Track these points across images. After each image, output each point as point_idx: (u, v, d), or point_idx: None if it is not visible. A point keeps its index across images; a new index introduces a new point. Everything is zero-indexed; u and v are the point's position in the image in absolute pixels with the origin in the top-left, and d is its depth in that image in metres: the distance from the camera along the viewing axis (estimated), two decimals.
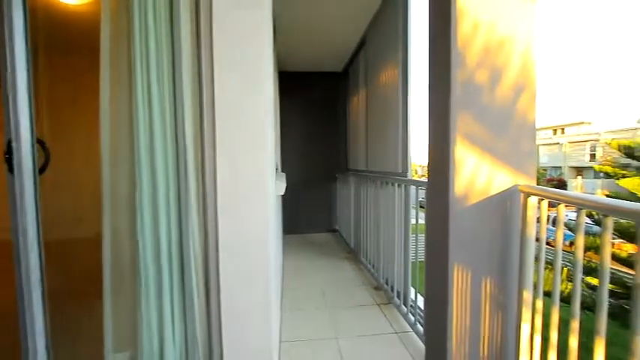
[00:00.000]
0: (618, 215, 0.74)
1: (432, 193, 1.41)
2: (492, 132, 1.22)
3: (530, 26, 1.25)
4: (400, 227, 2.45)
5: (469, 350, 1.37)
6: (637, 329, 0.63)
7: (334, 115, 5.09)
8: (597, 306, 0.80)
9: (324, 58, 4.44)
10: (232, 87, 1.17)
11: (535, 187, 1.14)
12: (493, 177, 1.24)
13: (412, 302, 2.30)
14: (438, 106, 1.32)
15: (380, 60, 3.04)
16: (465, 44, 1.20)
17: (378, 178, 2.95)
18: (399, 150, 2.55)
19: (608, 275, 0.77)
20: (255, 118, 1.19)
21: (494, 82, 1.21)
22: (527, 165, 1.24)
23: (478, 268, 1.32)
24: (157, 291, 1.24)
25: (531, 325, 1.23)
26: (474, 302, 1.34)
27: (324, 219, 5.21)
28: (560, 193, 0.99)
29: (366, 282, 3.11)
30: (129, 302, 1.26)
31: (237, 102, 1.18)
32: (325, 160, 5.14)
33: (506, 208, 1.27)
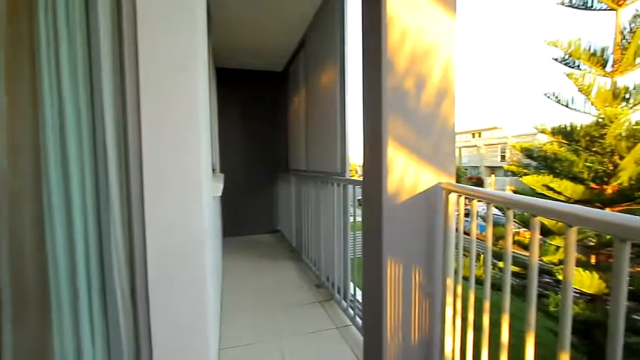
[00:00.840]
0: (517, 208, 0.87)
1: (367, 191, 1.49)
2: (418, 134, 1.32)
3: (451, 37, 1.39)
4: (339, 225, 2.52)
5: (402, 337, 1.47)
6: (530, 302, 0.74)
7: (275, 115, 5.05)
8: (503, 287, 0.93)
9: (264, 57, 4.37)
10: (160, 82, 1.08)
11: (454, 185, 1.27)
12: (420, 176, 1.35)
13: (352, 297, 2.39)
14: (371, 109, 1.39)
15: (319, 61, 3.10)
16: (395, 51, 1.28)
17: (318, 177, 3.00)
18: (337, 150, 2.63)
19: (511, 259, 0.90)
20: (186, 117, 1.12)
21: (419, 89, 1.32)
22: (448, 165, 1.37)
23: (409, 260, 1.42)
24: (72, 312, 1.08)
25: (453, 308, 1.36)
26: (405, 292, 1.44)
27: (265, 220, 5.13)
28: (473, 190, 1.12)
29: (308, 281, 3.14)
30: (35, 329, 1.09)
31: (167, 99, 1.09)
32: (267, 161, 5.07)
33: (431, 204, 1.39)
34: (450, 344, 1.39)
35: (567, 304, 0.67)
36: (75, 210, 1.06)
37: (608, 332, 0.58)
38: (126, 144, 1.08)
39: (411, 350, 1.47)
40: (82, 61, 1.05)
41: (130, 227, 1.11)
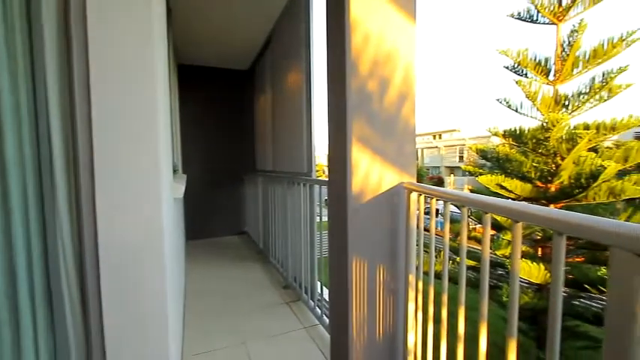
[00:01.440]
0: (470, 205, 0.93)
1: (333, 191, 1.50)
2: (382, 136, 1.36)
3: (412, 44, 1.45)
4: (306, 225, 2.53)
5: (368, 334, 1.50)
6: (483, 293, 0.80)
7: (242, 115, 4.95)
8: (459, 280, 0.99)
9: (229, 55, 4.27)
10: (113, 78, 1.01)
11: (415, 185, 1.33)
12: (383, 176, 1.39)
13: (319, 296, 2.41)
14: (336, 110, 1.41)
15: (285, 61, 3.09)
16: (358, 54, 1.31)
17: (284, 178, 2.98)
18: (303, 151, 2.63)
19: (466, 253, 0.95)
20: (143, 114, 1.06)
21: (382, 91, 1.36)
22: (409, 165, 1.43)
23: (373, 258, 1.46)
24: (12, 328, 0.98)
25: (415, 303, 1.42)
26: (370, 290, 1.47)
27: (232, 221, 5.01)
28: (432, 189, 1.18)
29: (275, 282, 3.11)
30: None
31: (121, 95, 1.03)
32: (233, 161, 4.95)
33: (394, 203, 1.43)
34: (413, 338, 1.44)
35: (514, 294, 0.73)
36: (14, 213, 0.96)
37: (549, 316, 0.64)
38: (74, 143, 1.00)
39: (377, 346, 1.51)
40: (22, 54, 0.96)
41: (79, 231, 1.03)
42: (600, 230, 0.52)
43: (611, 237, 0.49)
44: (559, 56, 4.65)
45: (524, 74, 5.02)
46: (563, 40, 4.60)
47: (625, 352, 0.48)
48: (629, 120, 4.18)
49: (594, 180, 3.96)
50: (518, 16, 5.09)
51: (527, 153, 4.96)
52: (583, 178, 4.08)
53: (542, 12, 4.74)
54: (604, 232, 0.51)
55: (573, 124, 4.58)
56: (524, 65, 4.90)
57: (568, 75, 4.64)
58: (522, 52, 4.85)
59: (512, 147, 5.28)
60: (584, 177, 4.06)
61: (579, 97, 4.55)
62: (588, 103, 4.55)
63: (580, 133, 4.18)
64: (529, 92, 4.79)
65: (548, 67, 4.77)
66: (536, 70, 4.82)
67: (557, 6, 4.65)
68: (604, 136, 4.39)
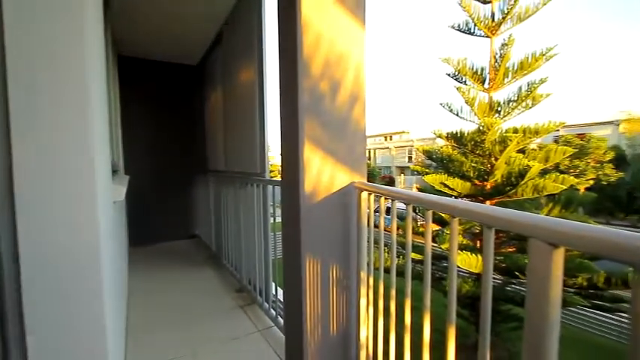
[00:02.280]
0: (415, 203, 0.99)
1: (286, 191, 1.50)
2: (333, 136, 1.39)
3: (361, 47, 1.49)
4: (260, 226, 2.49)
5: (322, 331, 1.52)
6: (426, 285, 0.86)
7: (192, 112, 4.70)
8: (405, 273, 1.04)
9: (177, 48, 4.03)
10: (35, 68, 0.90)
11: (366, 184, 1.38)
12: (335, 175, 1.42)
13: (274, 297, 2.38)
14: (288, 110, 1.40)
15: (237, 58, 3.00)
16: (310, 55, 1.32)
17: (237, 178, 2.91)
18: (257, 150, 2.59)
19: (411, 247, 1.01)
20: (74, 108, 0.96)
21: (334, 92, 1.39)
22: (360, 165, 1.47)
23: (326, 256, 1.48)
24: None
25: (367, 298, 1.47)
26: (324, 288, 1.49)
27: (182, 224, 4.75)
28: (381, 189, 1.23)
29: (228, 286, 3.01)
30: None
31: (45, 87, 0.92)
32: (182, 161, 4.69)
33: (345, 202, 1.47)
34: (365, 331, 1.49)
35: (452, 284, 0.79)
36: None
37: (481, 301, 0.71)
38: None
39: (331, 342, 1.54)
40: None
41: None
42: (521, 223, 0.59)
43: (529, 229, 0.56)
44: (493, 66, 5.14)
45: (464, 81, 5.46)
46: (496, 52, 5.10)
47: (541, 332, 0.55)
48: (549, 125, 4.76)
49: (522, 178, 4.44)
50: (458, 27, 5.52)
51: (467, 154, 5.40)
52: (513, 177, 4.56)
53: (479, 25, 5.20)
54: (524, 225, 0.58)
55: (505, 128, 5.09)
56: (464, 73, 5.33)
57: (500, 84, 5.15)
58: (462, 61, 5.27)
59: (454, 148, 5.71)
60: (514, 176, 4.54)
61: (509, 103, 5.08)
62: (517, 110, 5.09)
63: (510, 136, 4.66)
64: (468, 98, 5.22)
65: (484, 75, 5.25)
66: (474, 78, 5.28)
67: (490, 21, 5.12)
68: (529, 139, 4.94)
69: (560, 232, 0.50)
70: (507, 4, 5.01)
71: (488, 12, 5.21)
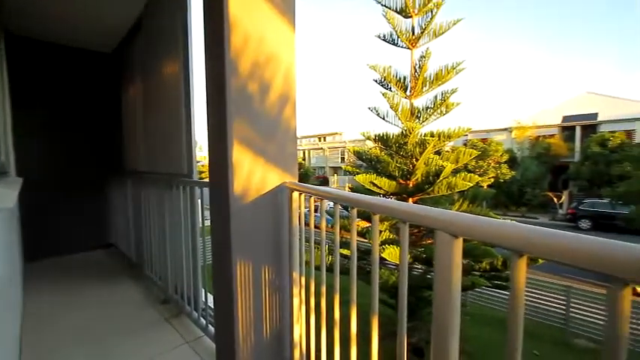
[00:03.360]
0: (341, 202, 1.04)
1: (215, 193, 1.43)
2: (264, 137, 1.37)
3: (291, 48, 1.51)
4: (187, 231, 2.33)
5: (255, 335, 1.49)
6: (352, 279, 0.91)
7: (105, 106, 4.17)
8: (334, 270, 1.09)
9: (87, 32, 3.54)
10: None
11: (297, 184, 1.39)
12: (266, 176, 1.41)
13: (204, 305, 2.25)
14: (215, 109, 1.34)
15: (160, 49, 2.77)
16: (238, 54, 1.29)
17: (161, 180, 2.68)
18: (183, 150, 2.42)
19: (339, 244, 1.06)
20: None
21: (264, 93, 1.37)
22: (291, 166, 1.49)
23: (258, 258, 1.46)
24: None
25: (299, 298, 1.49)
26: (256, 291, 1.47)
27: (95, 233, 4.18)
28: (311, 188, 1.26)
29: (152, 298, 2.76)
30: None
31: None
32: (94, 160, 4.14)
33: (277, 202, 1.47)
34: (298, 330, 1.51)
35: (375, 276, 0.85)
36: None
37: (399, 288, 0.78)
38: None
39: (264, 345, 1.52)
40: None
41: None
42: (429, 217, 0.66)
43: (436, 222, 0.63)
44: (413, 76, 5.65)
45: (389, 88, 5.89)
46: (416, 63, 5.61)
47: (447, 310, 0.62)
48: (459, 130, 5.41)
49: (438, 177, 4.97)
50: (383, 38, 5.93)
51: (393, 155, 5.84)
52: (431, 176, 5.07)
53: (401, 37, 5.66)
54: (431, 219, 0.66)
55: (424, 132, 5.64)
56: (389, 80, 5.75)
57: (419, 92, 5.68)
58: (387, 69, 5.68)
59: (381, 150, 6.12)
60: (432, 175, 5.05)
61: (427, 110, 5.64)
62: (433, 116, 5.67)
63: (428, 139, 5.18)
64: (393, 103, 5.65)
65: (406, 84, 5.73)
66: (398, 85, 5.73)
67: (410, 34, 5.62)
68: (444, 142, 5.56)
69: (459, 225, 0.58)
70: (425, 20, 5.56)
71: (409, 26, 5.71)
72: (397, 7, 5.62)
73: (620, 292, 0.37)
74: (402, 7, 5.56)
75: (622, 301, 0.38)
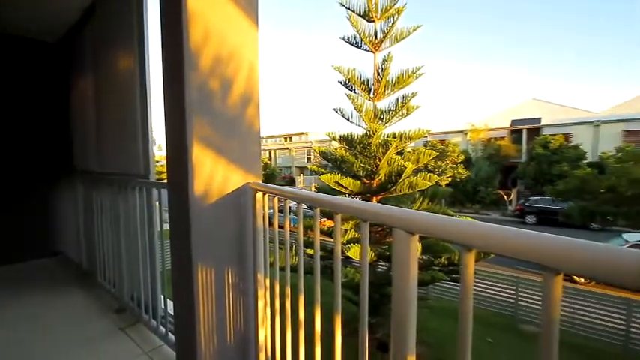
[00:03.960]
0: (305, 202, 1.05)
1: (174, 194, 1.37)
2: (225, 136, 1.34)
3: (254, 46, 1.48)
4: (144, 235, 2.21)
5: (217, 340, 1.45)
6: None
7: (50, 101, 3.82)
8: (298, 270, 1.09)
9: (27, 19, 3.22)
10: None
11: (260, 185, 1.38)
12: (228, 177, 1.37)
13: (163, 312, 2.15)
14: (174, 107, 1.29)
15: (113, 41, 2.59)
16: (198, 49, 1.24)
17: (115, 181, 2.51)
18: (139, 149, 2.29)
19: (302, 244, 1.06)
20: None
21: (225, 91, 1.34)
22: (255, 166, 1.46)
23: (221, 261, 1.42)
24: None
25: (264, 300, 1.47)
26: (218, 295, 1.43)
27: (40, 240, 3.80)
28: (275, 189, 1.25)
29: (105, 307, 2.57)
30: None
31: None
32: (37, 159, 3.77)
33: (240, 203, 1.44)
34: (263, 333, 1.49)
35: (337, 274, 0.87)
36: None
37: (360, 285, 0.80)
38: None
39: (228, 350, 1.48)
40: None
41: None
42: (387, 216, 0.69)
43: (394, 221, 0.66)
44: (376, 79, 5.81)
45: (354, 90, 6.00)
46: (379, 66, 5.78)
47: (405, 303, 0.65)
48: (419, 132, 5.66)
49: (400, 177, 5.15)
50: (348, 40, 6.03)
51: (357, 155, 5.96)
52: (393, 176, 5.25)
53: (365, 41, 5.80)
54: (389, 217, 0.68)
55: (387, 133, 5.82)
56: (353, 82, 5.87)
57: (382, 94, 5.86)
58: (351, 71, 5.79)
59: (346, 150, 6.22)
60: (394, 175, 5.23)
61: (389, 112, 5.82)
62: (395, 118, 5.88)
63: (391, 140, 5.36)
64: (357, 105, 5.77)
65: (370, 86, 5.88)
66: (362, 87, 5.86)
67: (373, 38, 5.78)
68: (405, 143, 5.78)
69: (415, 222, 0.61)
70: (387, 25, 5.74)
71: (373, 30, 5.86)
72: (361, 10, 5.74)
73: (552, 280, 0.41)
74: (366, 10, 5.69)
75: (554, 288, 0.42)
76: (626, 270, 0.33)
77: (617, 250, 0.35)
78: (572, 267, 0.39)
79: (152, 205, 2.17)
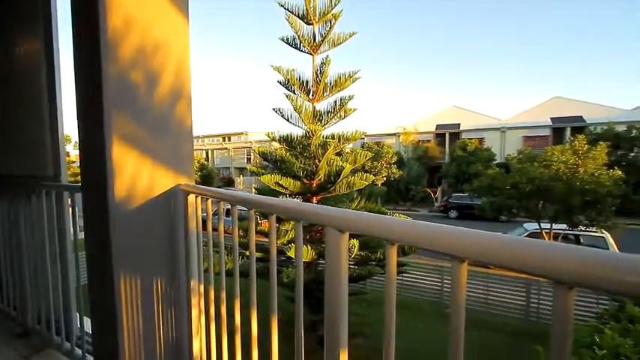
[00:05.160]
0: (239, 204, 1.02)
1: (89, 198, 1.23)
2: (152, 134, 1.24)
3: (185, 39, 1.39)
4: (54, 246, 1.92)
5: (145, 356, 1.33)
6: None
7: None
8: (234, 274, 1.06)
9: None
10: None
11: (193, 186, 1.30)
12: (156, 178, 1.27)
13: (79, 332, 1.90)
14: (89, 100, 1.15)
15: (12, 17, 2.20)
16: (118, 39, 1.13)
17: (16, 184, 2.14)
18: (47, 147, 1.99)
19: (238, 246, 1.04)
20: None
21: (152, 85, 1.24)
22: (186, 166, 1.38)
23: (148, 271, 1.30)
24: None
25: (198, 308, 1.39)
26: (146, 308, 1.31)
27: None
28: (209, 190, 1.19)
29: (5, 334, 2.18)
30: None
31: None
32: None
33: (170, 206, 1.34)
34: (198, 343, 1.41)
35: (273, 276, 0.86)
36: None
37: (295, 284, 0.81)
38: None
39: None
40: None
41: None
42: (319, 215, 0.71)
43: (325, 219, 0.68)
44: (315, 81, 5.91)
45: (293, 90, 6.02)
46: (317, 68, 5.89)
47: (337, 297, 0.68)
48: (357, 134, 5.91)
49: (339, 177, 5.32)
50: (286, 40, 6.03)
51: (297, 156, 6.00)
52: (332, 176, 5.40)
53: (303, 42, 5.86)
54: (321, 217, 0.70)
55: (326, 134, 5.96)
56: (293, 83, 5.89)
57: (321, 96, 5.99)
58: (290, 72, 5.81)
59: (287, 151, 6.21)
60: (333, 175, 5.38)
61: (328, 114, 5.98)
62: (334, 119, 6.05)
63: (329, 141, 5.50)
64: (296, 106, 5.80)
65: (309, 87, 5.96)
66: (301, 89, 5.91)
67: (312, 40, 5.87)
68: (343, 144, 5.99)
69: (345, 221, 0.64)
70: (325, 29, 5.88)
71: (311, 32, 5.95)
72: (299, 12, 5.79)
73: (458, 268, 0.47)
74: (304, 13, 5.76)
75: (460, 275, 0.48)
76: (500, 252, 0.41)
77: (495, 236, 0.43)
78: (472, 254, 0.45)
79: (64, 212, 1.90)
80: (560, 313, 0.39)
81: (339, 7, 5.78)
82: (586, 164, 9.18)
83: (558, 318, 0.40)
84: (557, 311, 0.39)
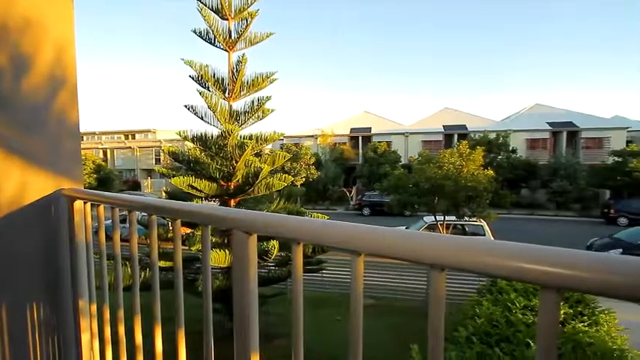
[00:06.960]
0: (137, 209, 0.92)
1: None
2: (22, 128, 1.03)
3: (68, 21, 1.19)
4: None
5: None
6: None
7: None
8: (132, 288, 0.95)
9: None
10: None
11: (79, 191, 1.12)
12: (29, 182, 1.06)
13: None
14: None
15: None
16: None
17: None
18: None
19: (137, 256, 0.93)
20: None
21: (20, 70, 1.03)
22: (71, 168, 1.18)
23: (17, 297, 1.08)
24: None
25: (90, 332, 1.20)
26: (17, 341, 1.08)
27: None
28: (100, 195, 1.04)
29: None
30: None
31: None
32: None
33: (51, 215, 1.13)
34: None
35: (179, 283, 0.80)
36: None
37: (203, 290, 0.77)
38: None
39: None
40: None
41: None
42: (226, 218, 0.69)
43: (232, 222, 0.67)
44: (231, 79, 5.69)
45: (207, 87, 5.69)
46: (234, 66, 5.68)
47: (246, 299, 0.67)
48: (275, 135, 5.90)
49: (257, 178, 5.23)
50: (200, 34, 5.67)
51: (213, 157, 5.68)
52: (250, 177, 5.27)
53: (218, 38, 5.58)
54: (228, 220, 0.69)
55: (243, 135, 5.79)
56: (207, 79, 5.56)
57: (238, 95, 5.79)
58: (204, 67, 5.47)
59: (202, 151, 5.82)
60: (251, 176, 5.26)
61: (245, 114, 5.82)
62: (252, 119, 5.92)
63: (247, 142, 5.36)
64: (211, 103, 5.49)
65: (224, 85, 5.71)
66: (216, 86, 5.62)
67: (227, 36, 5.64)
68: (262, 145, 5.90)
69: (251, 223, 0.64)
70: (241, 26, 5.71)
71: (227, 28, 5.70)
72: (213, 6, 5.50)
73: (356, 260, 0.52)
74: (218, 7, 5.49)
75: (358, 268, 0.53)
76: (388, 245, 0.47)
77: (386, 230, 0.49)
78: (366, 249, 0.50)
79: None
80: (436, 294, 0.46)
81: (255, 6, 5.68)
82: (468, 165, 10.96)
83: (435, 297, 0.47)
84: (434, 292, 0.46)
